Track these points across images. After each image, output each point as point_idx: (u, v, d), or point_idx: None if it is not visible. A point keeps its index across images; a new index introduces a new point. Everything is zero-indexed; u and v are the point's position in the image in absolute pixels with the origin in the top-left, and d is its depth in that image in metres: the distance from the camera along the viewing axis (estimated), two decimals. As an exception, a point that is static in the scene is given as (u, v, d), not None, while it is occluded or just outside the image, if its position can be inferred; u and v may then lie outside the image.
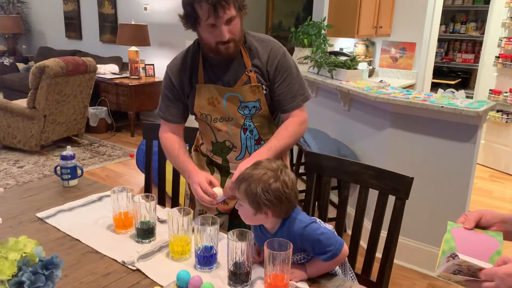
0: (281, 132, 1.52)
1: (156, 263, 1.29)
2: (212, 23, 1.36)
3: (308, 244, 1.23)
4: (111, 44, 6.18)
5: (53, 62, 4.25)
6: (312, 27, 3.81)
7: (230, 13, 1.35)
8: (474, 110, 2.26)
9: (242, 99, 1.50)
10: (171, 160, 1.61)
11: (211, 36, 1.40)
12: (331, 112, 3.31)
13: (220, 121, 1.55)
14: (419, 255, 2.67)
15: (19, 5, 7.39)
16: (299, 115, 1.55)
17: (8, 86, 6.21)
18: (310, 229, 1.22)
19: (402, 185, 1.48)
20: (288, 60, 1.53)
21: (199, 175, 1.46)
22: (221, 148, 1.61)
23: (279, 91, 1.52)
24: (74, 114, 4.76)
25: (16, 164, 4.29)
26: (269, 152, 1.43)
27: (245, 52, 1.50)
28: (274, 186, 1.18)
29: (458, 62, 5.48)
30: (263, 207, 1.19)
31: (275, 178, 1.20)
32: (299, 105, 1.55)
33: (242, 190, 1.21)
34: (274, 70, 1.50)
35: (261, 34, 1.56)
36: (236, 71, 1.50)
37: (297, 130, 1.54)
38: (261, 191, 1.17)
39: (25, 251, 0.82)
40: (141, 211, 1.39)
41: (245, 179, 1.21)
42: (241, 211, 1.26)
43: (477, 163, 4.49)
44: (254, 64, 1.50)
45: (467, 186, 2.45)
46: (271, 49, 1.51)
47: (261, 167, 1.22)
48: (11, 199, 1.71)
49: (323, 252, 1.22)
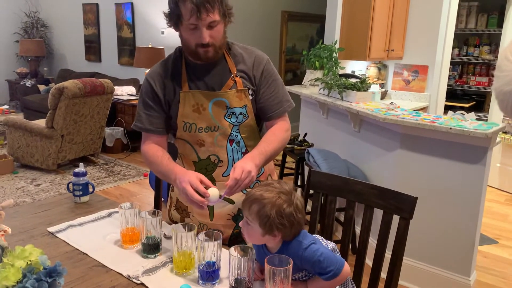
0: (270, 136, 1.50)
1: (160, 277, 1.32)
2: (194, 24, 1.36)
3: (308, 265, 1.23)
4: (129, 66, 6.35)
5: (71, 84, 4.39)
6: (323, 50, 3.87)
7: (214, 17, 1.36)
8: (482, 131, 2.25)
9: (229, 105, 1.48)
10: (154, 167, 1.51)
11: (191, 37, 1.40)
12: (342, 133, 3.33)
13: (205, 131, 1.50)
14: (428, 278, 2.63)
15: (42, 29, 7.68)
16: (284, 122, 1.56)
17: (29, 107, 6.40)
18: (309, 251, 1.22)
19: (406, 204, 1.49)
20: (272, 67, 1.55)
21: (188, 174, 1.37)
22: (205, 166, 1.54)
23: (265, 96, 1.52)
24: (90, 134, 4.87)
25: (33, 182, 4.39)
26: (261, 156, 1.41)
27: (230, 59, 1.51)
28: (288, 210, 1.18)
29: (472, 85, 5.47)
30: (275, 230, 1.19)
31: (289, 202, 1.19)
32: (285, 111, 1.56)
33: (254, 212, 1.20)
34: (260, 75, 1.52)
35: (245, 45, 1.58)
36: (221, 76, 1.50)
37: (284, 136, 1.53)
38: (275, 215, 1.17)
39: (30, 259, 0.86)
40: (147, 226, 1.42)
41: (258, 200, 1.19)
42: (248, 230, 1.25)
43: (493, 187, 4.46)
44: (239, 69, 1.51)
45: (478, 209, 2.43)
46: (256, 55, 1.54)
47: (272, 189, 1.21)
48: (24, 214, 1.77)
49: (323, 272, 1.22)
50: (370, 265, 1.56)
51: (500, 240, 3.40)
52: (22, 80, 7.18)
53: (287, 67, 6.64)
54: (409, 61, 4.40)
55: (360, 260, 1.59)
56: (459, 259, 2.54)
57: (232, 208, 1.58)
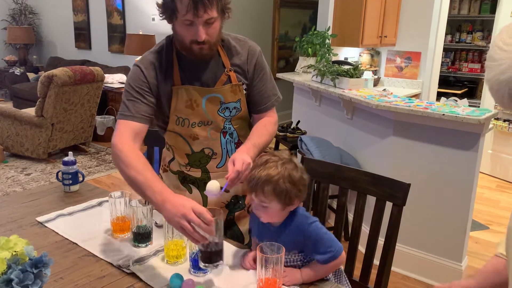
0: (261, 129, 1.48)
1: (151, 266, 1.30)
2: (190, 20, 1.28)
3: (311, 240, 1.23)
4: (119, 54, 6.27)
5: (61, 71, 4.32)
6: (316, 36, 3.84)
7: (211, 14, 1.28)
8: (475, 118, 2.25)
9: (223, 100, 1.45)
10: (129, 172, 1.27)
11: (186, 33, 1.32)
12: (334, 120, 3.32)
13: (198, 125, 1.46)
14: (422, 265, 2.65)
15: (31, 16, 7.54)
16: (272, 116, 1.55)
17: (18, 96, 6.31)
18: (315, 226, 1.24)
19: (399, 191, 1.48)
20: (263, 60, 1.52)
21: (185, 198, 1.17)
22: (199, 159, 1.52)
23: (256, 90, 1.50)
24: (81, 123, 4.82)
25: (24, 171, 4.35)
26: (254, 149, 1.38)
27: (223, 52, 1.46)
28: (298, 176, 1.21)
29: (465, 72, 5.46)
30: (294, 199, 1.21)
31: (295, 169, 1.22)
32: (273, 105, 1.54)
33: (269, 192, 1.19)
34: (253, 68, 1.48)
35: (237, 35, 1.52)
36: (215, 71, 1.45)
37: (273, 129, 1.52)
38: (290, 186, 1.19)
39: (15, 249, 0.84)
40: (137, 215, 1.40)
41: (268, 180, 1.18)
42: (265, 212, 1.22)
43: (484, 173, 4.49)
44: (233, 63, 1.47)
45: (470, 195, 2.44)
46: (249, 47, 1.49)
47: (274, 163, 1.20)
48: (13, 203, 1.74)
49: (323, 251, 1.22)
50: (363, 252, 1.56)
51: (491, 226, 3.43)
52: (11, 68, 7.07)
53: (280, 54, 6.59)
54: (402, 47, 4.38)
55: (353, 247, 1.59)
56: (451, 245, 2.55)
57: (227, 196, 1.57)
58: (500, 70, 0.70)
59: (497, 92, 0.73)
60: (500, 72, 0.70)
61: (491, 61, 0.73)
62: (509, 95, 0.71)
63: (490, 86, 0.74)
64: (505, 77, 0.70)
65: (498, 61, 0.71)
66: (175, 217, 1.13)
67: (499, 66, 0.71)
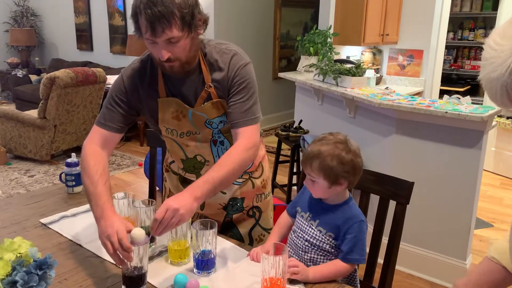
0: (224, 159, 1.32)
1: (155, 267, 1.30)
2: (151, 39, 1.24)
3: (350, 235, 1.26)
4: (121, 55, 6.28)
5: (63, 73, 4.33)
6: (318, 35, 3.83)
7: (171, 33, 1.21)
8: (478, 115, 2.24)
9: (208, 117, 1.40)
10: (86, 179, 1.33)
11: (152, 50, 1.29)
12: (337, 119, 3.31)
13: (187, 135, 1.44)
14: (426, 263, 2.64)
15: (33, 18, 7.56)
16: (248, 137, 1.36)
17: (21, 98, 6.32)
18: (360, 226, 1.27)
19: (403, 190, 1.48)
20: (247, 73, 1.39)
21: (119, 220, 1.20)
22: (193, 164, 1.51)
23: (231, 103, 1.38)
24: (84, 124, 4.82)
25: (27, 173, 4.36)
26: (205, 186, 1.24)
27: (205, 66, 1.38)
28: (347, 157, 1.24)
29: (467, 69, 5.45)
30: (340, 178, 1.24)
31: (346, 150, 1.24)
32: (247, 124, 1.37)
33: (316, 167, 1.24)
34: (232, 82, 1.38)
35: (227, 44, 1.42)
36: (195, 87, 1.39)
37: (241, 157, 1.33)
38: (337, 164, 1.23)
39: (20, 251, 0.84)
40: (141, 216, 1.40)
41: (317, 155, 1.24)
42: (314, 187, 1.29)
43: (488, 171, 4.47)
44: (214, 78, 1.38)
45: (474, 193, 2.43)
46: (232, 61, 1.38)
47: (328, 141, 1.26)
48: (16, 205, 1.74)
49: (352, 251, 1.25)
50: (367, 251, 1.56)
51: (495, 224, 3.41)
52: (13, 70, 7.09)
53: (281, 54, 6.58)
54: (404, 45, 4.37)
55: (357, 246, 1.58)
56: (456, 243, 2.54)
57: (224, 198, 1.56)
58: (491, 68, 0.73)
59: (490, 90, 0.76)
60: (491, 70, 0.73)
61: (484, 60, 0.76)
62: (501, 92, 0.73)
63: (484, 84, 0.77)
64: (496, 75, 0.72)
65: (490, 59, 0.74)
66: (102, 235, 1.18)
67: (490, 65, 0.74)
